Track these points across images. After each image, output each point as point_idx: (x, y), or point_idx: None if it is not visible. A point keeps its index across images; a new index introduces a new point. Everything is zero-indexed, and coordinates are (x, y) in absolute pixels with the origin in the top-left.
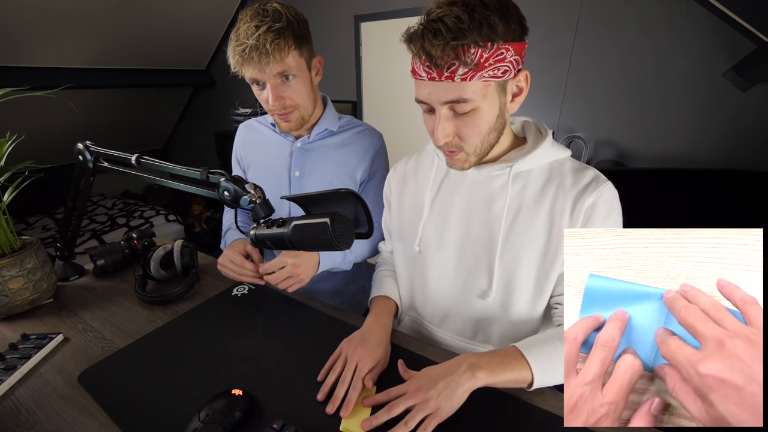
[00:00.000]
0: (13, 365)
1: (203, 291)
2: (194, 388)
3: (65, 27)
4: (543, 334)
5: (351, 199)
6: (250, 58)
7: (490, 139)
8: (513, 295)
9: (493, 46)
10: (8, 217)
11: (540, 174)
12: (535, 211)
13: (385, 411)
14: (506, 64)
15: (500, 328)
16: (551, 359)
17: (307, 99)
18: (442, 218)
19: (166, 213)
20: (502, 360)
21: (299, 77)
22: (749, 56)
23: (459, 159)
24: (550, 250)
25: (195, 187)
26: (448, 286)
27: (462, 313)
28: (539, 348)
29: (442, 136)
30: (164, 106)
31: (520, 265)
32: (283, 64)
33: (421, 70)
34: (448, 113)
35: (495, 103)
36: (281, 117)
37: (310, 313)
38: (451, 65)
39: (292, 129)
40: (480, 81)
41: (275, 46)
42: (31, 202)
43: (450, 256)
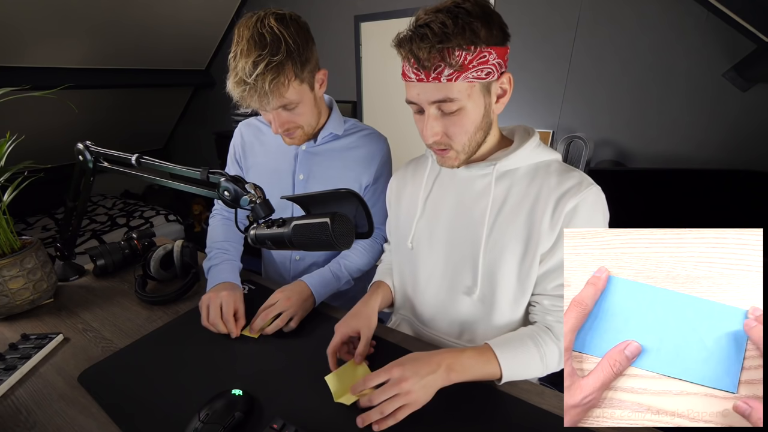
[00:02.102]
0: (13, 365)
1: (203, 291)
2: (194, 388)
3: (65, 27)
4: (516, 332)
5: (351, 199)
6: (251, 97)
7: (477, 137)
8: (496, 293)
9: (476, 49)
10: (8, 217)
11: (525, 174)
12: (517, 211)
13: (367, 400)
14: (489, 66)
15: (484, 329)
16: (519, 356)
17: (311, 117)
18: (433, 216)
19: (166, 213)
20: (475, 361)
21: (302, 103)
22: (749, 56)
23: (449, 157)
24: (530, 250)
25: (195, 187)
26: (437, 284)
27: (450, 311)
28: (510, 346)
29: (431, 134)
30: (164, 106)
31: (502, 264)
32: (283, 100)
33: (410, 72)
34: (436, 112)
35: (480, 103)
36: (286, 135)
37: (310, 313)
38: (438, 67)
39: (296, 144)
40: (465, 82)
41: (274, 85)
42: (31, 202)
43: (439, 253)
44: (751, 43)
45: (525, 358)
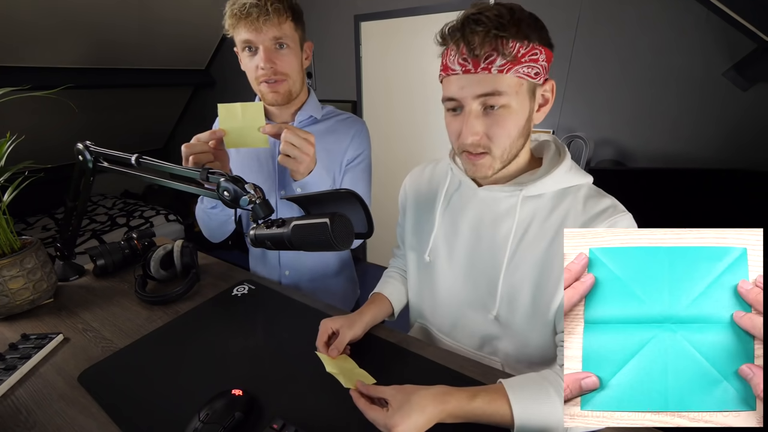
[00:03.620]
0: (13, 365)
1: (203, 291)
2: (194, 388)
3: (65, 27)
4: (536, 374)
5: (351, 199)
6: (248, 15)
7: (518, 144)
8: (515, 316)
9: (529, 44)
10: (8, 217)
11: (552, 198)
12: (541, 236)
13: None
14: (539, 65)
15: (506, 345)
16: (535, 399)
17: (297, 73)
18: (451, 231)
19: (166, 213)
20: (483, 411)
21: (292, 49)
22: (749, 56)
23: (483, 164)
24: (552, 279)
25: (195, 187)
26: (456, 297)
27: (469, 324)
28: (526, 388)
29: (471, 133)
30: (164, 106)
31: (521, 290)
32: (279, 30)
33: (456, 63)
34: (479, 109)
35: (525, 105)
36: (270, 86)
37: (310, 313)
38: (490, 56)
39: (279, 101)
40: (515, 76)
41: (275, 8)
42: (31, 202)
43: (459, 268)
44: (751, 42)
45: (544, 403)
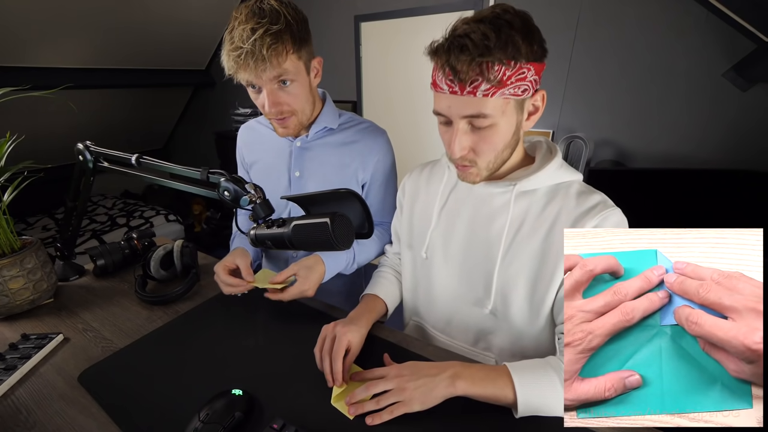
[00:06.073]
0: (13, 365)
1: (203, 291)
2: (194, 388)
3: (65, 27)
4: (540, 360)
5: (351, 199)
6: (246, 64)
7: (504, 155)
8: (510, 310)
9: (516, 65)
10: (8, 217)
11: (544, 195)
12: (534, 232)
13: (363, 389)
14: (526, 83)
15: (500, 339)
16: (539, 384)
17: (305, 103)
18: (448, 228)
19: (166, 213)
20: (486, 375)
21: (297, 81)
22: (749, 56)
23: (471, 173)
24: (546, 272)
25: (195, 187)
26: (451, 294)
27: (464, 320)
28: (529, 371)
29: (459, 149)
30: (164, 106)
31: (516, 284)
32: (280, 69)
33: (443, 83)
34: (466, 127)
35: (512, 120)
36: (279, 122)
37: (309, 313)
38: (475, 80)
39: (291, 134)
40: (501, 98)
41: (272, 51)
42: (31, 202)
43: (454, 265)
44: (750, 43)
45: (547, 389)
